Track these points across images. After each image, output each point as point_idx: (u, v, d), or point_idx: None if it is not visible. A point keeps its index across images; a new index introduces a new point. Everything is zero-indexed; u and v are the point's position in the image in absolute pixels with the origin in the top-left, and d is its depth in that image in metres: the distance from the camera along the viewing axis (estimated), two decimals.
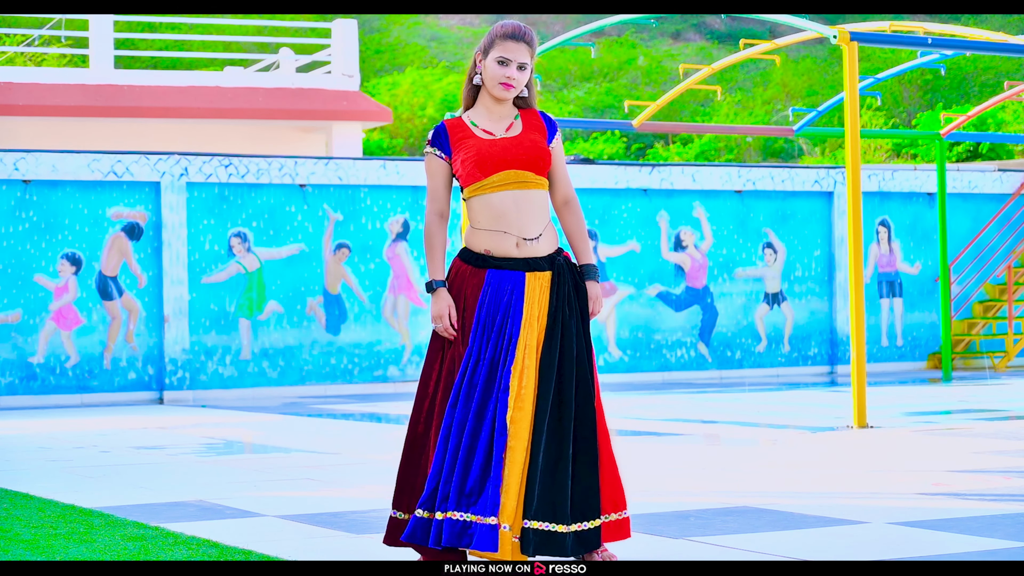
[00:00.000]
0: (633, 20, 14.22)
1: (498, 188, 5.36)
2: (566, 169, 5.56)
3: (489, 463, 5.20)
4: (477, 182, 5.37)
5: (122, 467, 9.43)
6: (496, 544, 5.12)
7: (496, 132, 5.44)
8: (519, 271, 5.35)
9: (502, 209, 5.36)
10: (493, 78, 5.40)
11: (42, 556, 5.81)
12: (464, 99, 5.53)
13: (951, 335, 17.96)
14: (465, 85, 5.52)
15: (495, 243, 5.36)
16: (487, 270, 5.37)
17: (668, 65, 42.62)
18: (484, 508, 5.15)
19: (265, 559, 5.68)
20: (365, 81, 40.01)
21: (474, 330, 5.32)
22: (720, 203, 18.62)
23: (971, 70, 38.62)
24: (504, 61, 5.39)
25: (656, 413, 13.18)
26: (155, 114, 21.51)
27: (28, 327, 15.71)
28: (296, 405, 15.09)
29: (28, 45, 27.57)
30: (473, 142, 5.39)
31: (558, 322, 5.32)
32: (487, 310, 5.34)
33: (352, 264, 16.98)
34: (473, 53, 5.53)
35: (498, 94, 5.42)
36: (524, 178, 5.38)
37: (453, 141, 5.43)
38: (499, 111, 5.47)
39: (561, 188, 5.52)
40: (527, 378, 5.24)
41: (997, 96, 18.45)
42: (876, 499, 7.17)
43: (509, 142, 5.40)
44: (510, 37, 5.39)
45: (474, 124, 5.46)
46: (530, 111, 5.52)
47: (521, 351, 5.27)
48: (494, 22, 48.60)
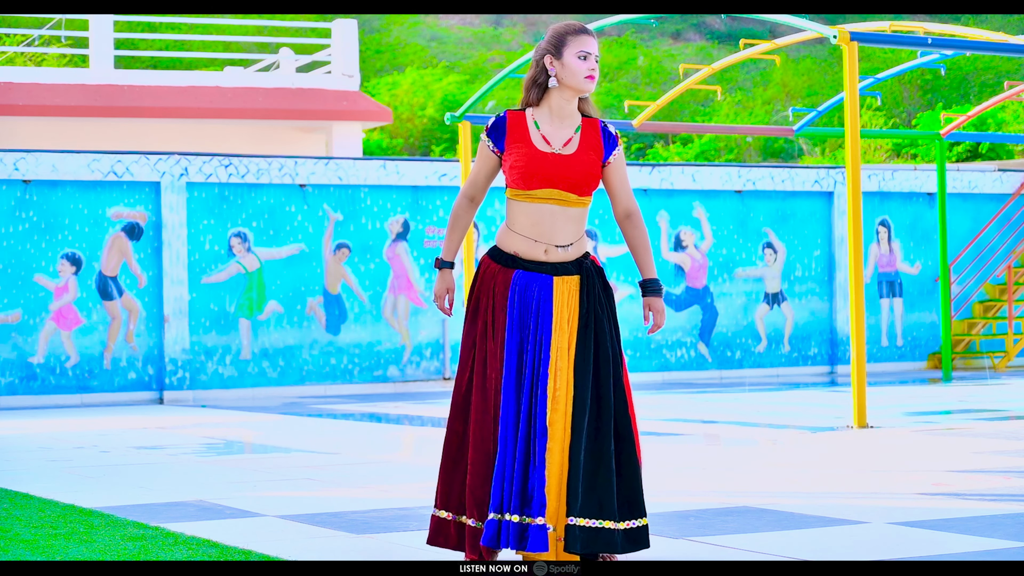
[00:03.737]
0: (633, 20, 14.22)
1: (539, 200, 5.39)
2: (628, 183, 5.54)
3: (533, 465, 5.24)
4: (517, 189, 5.41)
5: (122, 467, 9.43)
6: (547, 544, 5.16)
7: (554, 142, 5.42)
8: (547, 275, 5.39)
9: (538, 219, 5.40)
10: (577, 72, 5.39)
11: (42, 556, 5.81)
12: (526, 101, 5.48)
13: (951, 335, 17.96)
14: (528, 89, 5.47)
15: (525, 247, 5.40)
16: (515, 271, 5.41)
17: (668, 65, 42.62)
18: (535, 510, 5.19)
19: (265, 559, 5.68)
20: (365, 81, 40.01)
21: (509, 330, 5.36)
22: (720, 203, 18.62)
23: (971, 70, 38.61)
24: (585, 55, 5.40)
25: (656, 413, 13.18)
26: (155, 114, 21.51)
27: (28, 327, 15.71)
28: (296, 405, 15.08)
29: (28, 45, 27.57)
30: (526, 149, 5.39)
31: (591, 323, 5.36)
32: (519, 311, 5.37)
33: (352, 264, 16.98)
34: (536, 57, 5.47)
35: (585, 87, 5.40)
36: (566, 197, 5.40)
37: (509, 139, 5.43)
38: (565, 114, 5.45)
39: (623, 202, 5.52)
40: (560, 380, 5.28)
41: (997, 96, 18.45)
42: (876, 499, 7.17)
43: (561, 160, 5.39)
44: (584, 32, 5.42)
45: (536, 125, 5.44)
46: (592, 123, 5.49)
47: (554, 353, 5.31)
48: (494, 22, 48.62)
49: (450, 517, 5.40)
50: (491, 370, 5.36)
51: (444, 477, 5.43)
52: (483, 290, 5.44)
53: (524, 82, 5.50)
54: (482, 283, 5.44)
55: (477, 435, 5.34)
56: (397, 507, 7.07)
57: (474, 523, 5.31)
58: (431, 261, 17.28)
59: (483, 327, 5.40)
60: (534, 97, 5.45)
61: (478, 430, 5.34)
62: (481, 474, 5.32)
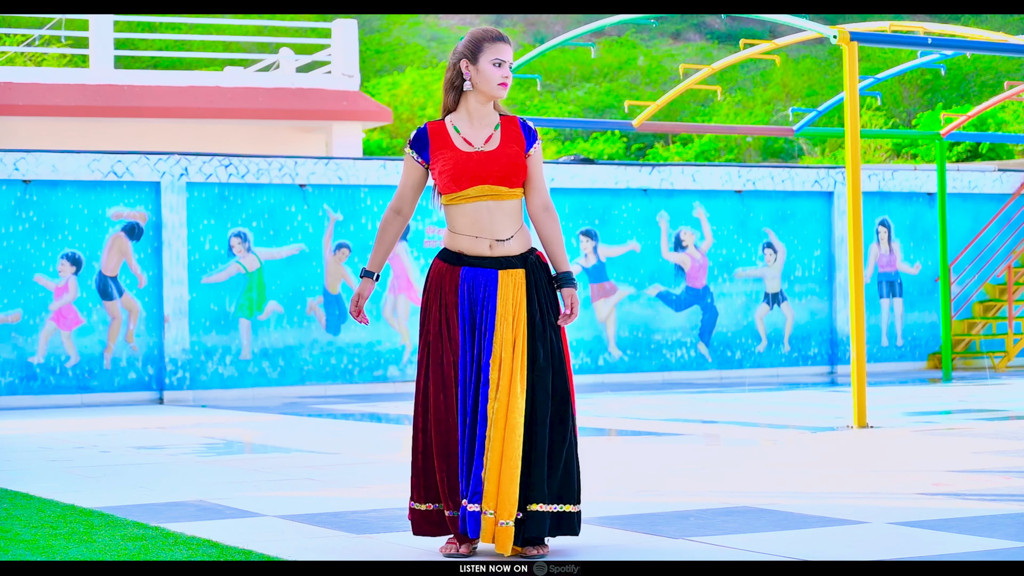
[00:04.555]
0: (633, 20, 14.22)
1: (472, 199, 5.63)
2: (543, 177, 5.80)
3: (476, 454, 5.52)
4: (452, 193, 5.63)
5: (122, 467, 9.43)
6: (479, 530, 5.45)
7: (475, 142, 5.65)
8: (492, 269, 5.62)
9: (476, 217, 5.64)
10: (491, 80, 5.65)
11: (42, 556, 5.81)
12: (445, 105, 5.73)
13: (951, 335, 17.96)
14: (447, 91, 5.71)
15: (469, 245, 5.65)
16: (462, 267, 5.65)
17: (668, 65, 42.63)
18: (472, 497, 5.48)
19: (265, 559, 5.68)
20: (365, 81, 40.01)
21: (461, 327, 5.60)
22: (720, 203, 18.62)
23: (971, 70, 38.62)
24: (499, 62, 5.65)
25: (656, 413, 13.18)
26: (155, 114, 21.51)
27: (28, 327, 15.71)
28: (296, 405, 15.09)
29: (28, 45, 27.58)
30: (451, 154, 5.63)
31: (537, 315, 5.61)
32: (468, 306, 5.62)
33: (352, 264, 16.98)
34: (452, 61, 5.70)
35: (498, 94, 5.65)
36: (498, 192, 5.64)
37: (433, 148, 5.67)
38: (482, 115, 5.69)
39: (539, 195, 5.76)
40: (504, 371, 5.52)
41: (997, 96, 18.45)
42: (876, 499, 7.17)
43: (485, 157, 5.62)
44: (500, 39, 5.68)
45: (456, 130, 5.68)
46: (510, 119, 5.75)
47: (497, 345, 5.54)
48: (494, 22, 48.62)
49: (427, 508, 5.65)
50: (447, 367, 5.59)
51: (415, 471, 5.67)
52: (432, 290, 5.69)
53: (442, 85, 5.74)
54: (431, 283, 5.70)
55: (440, 431, 5.58)
56: (397, 507, 7.07)
57: (451, 514, 5.58)
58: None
59: (436, 326, 5.63)
60: (451, 101, 5.70)
61: (440, 427, 5.58)
62: (447, 468, 5.57)
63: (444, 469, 5.56)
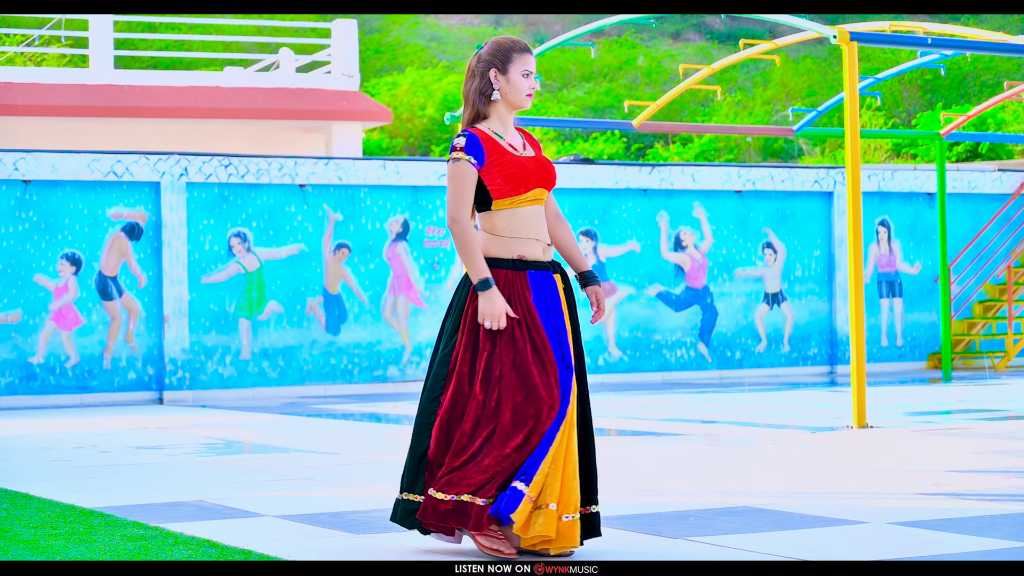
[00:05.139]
0: (633, 20, 14.22)
1: (529, 203, 5.72)
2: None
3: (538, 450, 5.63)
4: (510, 197, 5.69)
5: (122, 467, 9.43)
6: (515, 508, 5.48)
7: (518, 148, 5.77)
8: (549, 272, 5.74)
9: (532, 220, 5.74)
10: (520, 90, 5.74)
11: (42, 556, 5.81)
12: (475, 113, 5.74)
13: (951, 335, 17.96)
14: (477, 99, 5.73)
15: (528, 249, 5.70)
16: (527, 271, 5.70)
17: (668, 65, 42.62)
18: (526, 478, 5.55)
19: (265, 559, 5.69)
20: (365, 81, 40.00)
21: (546, 326, 5.64)
22: (720, 203, 18.62)
23: (971, 70, 38.62)
24: (528, 73, 5.74)
25: (656, 413, 13.18)
26: (155, 114, 21.51)
27: (28, 327, 15.71)
28: (296, 405, 15.09)
29: (28, 45, 27.57)
30: (509, 158, 5.70)
31: (574, 318, 5.75)
32: (541, 308, 5.68)
33: (352, 264, 16.98)
34: (480, 69, 5.73)
35: (525, 104, 5.77)
36: (543, 196, 5.78)
37: (488, 153, 5.69)
38: (510, 123, 5.80)
39: (551, 202, 5.91)
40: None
41: (997, 96, 18.45)
42: (876, 499, 7.17)
43: (534, 162, 5.76)
44: (527, 50, 5.76)
45: (499, 136, 5.75)
46: (521, 130, 5.89)
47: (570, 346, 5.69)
48: (494, 22, 48.63)
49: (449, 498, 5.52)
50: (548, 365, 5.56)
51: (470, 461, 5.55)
52: (508, 297, 5.64)
53: (468, 93, 5.75)
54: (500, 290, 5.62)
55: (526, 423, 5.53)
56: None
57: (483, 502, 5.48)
58: (431, 261, 17.29)
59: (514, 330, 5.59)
60: (480, 108, 5.74)
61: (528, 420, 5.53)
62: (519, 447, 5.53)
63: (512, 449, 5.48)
